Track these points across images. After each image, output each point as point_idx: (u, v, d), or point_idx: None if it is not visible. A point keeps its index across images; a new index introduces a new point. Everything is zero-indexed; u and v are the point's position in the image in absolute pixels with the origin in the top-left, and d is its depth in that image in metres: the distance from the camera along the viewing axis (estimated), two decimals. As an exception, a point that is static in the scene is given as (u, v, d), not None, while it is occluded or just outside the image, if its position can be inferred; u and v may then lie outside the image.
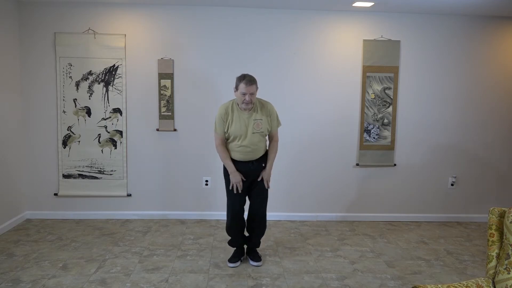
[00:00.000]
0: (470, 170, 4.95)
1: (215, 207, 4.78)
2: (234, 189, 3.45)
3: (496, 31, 4.78)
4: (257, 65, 4.59)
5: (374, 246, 4.11)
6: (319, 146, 4.81)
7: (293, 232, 4.48)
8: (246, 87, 3.24)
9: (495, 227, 2.16)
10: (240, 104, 3.34)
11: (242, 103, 3.31)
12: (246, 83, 3.24)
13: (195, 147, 4.73)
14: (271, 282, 3.28)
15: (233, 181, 3.43)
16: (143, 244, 4.03)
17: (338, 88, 4.75)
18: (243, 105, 3.31)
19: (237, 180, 3.42)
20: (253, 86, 3.27)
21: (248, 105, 3.31)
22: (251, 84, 3.26)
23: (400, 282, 3.33)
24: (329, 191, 4.87)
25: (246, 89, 3.24)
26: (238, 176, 3.42)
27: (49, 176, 4.68)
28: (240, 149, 3.39)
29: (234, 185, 3.43)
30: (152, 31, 4.58)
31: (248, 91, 3.25)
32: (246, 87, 3.24)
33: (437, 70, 4.79)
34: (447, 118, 4.85)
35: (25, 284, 3.14)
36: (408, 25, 4.71)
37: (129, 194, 4.76)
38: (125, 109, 4.64)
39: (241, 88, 3.25)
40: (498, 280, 2.07)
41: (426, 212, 4.96)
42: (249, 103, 3.30)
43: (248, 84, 3.24)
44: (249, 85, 3.24)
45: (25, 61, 4.53)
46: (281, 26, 4.64)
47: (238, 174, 3.42)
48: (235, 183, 3.42)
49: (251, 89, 3.26)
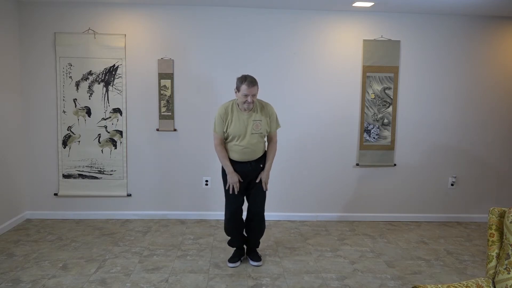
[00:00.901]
0: (470, 170, 4.95)
1: (215, 207, 4.78)
2: (230, 190, 3.45)
3: (496, 31, 4.78)
4: (257, 65, 4.59)
5: (374, 246, 4.11)
6: (319, 146, 4.81)
7: (293, 232, 4.48)
8: (248, 88, 3.24)
9: (495, 227, 2.16)
10: (242, 105, 3.34)
11: (243, 104, 3.31)
12: (248, 85, 3.24)
13: (195, 147, 4.73)
14: (271, 282, 3.28)
15: (230, 181, 3.43)
16: (143, 244, 4.03)
17: (338, 88, 4.75)
18: (245, 105, 3.31)
19: (234, 180, 3.42)
20: (255, 87, 3.28)
21: (249, 105, 3.32)
22: (253, 85, 3.26)
23: (400, 282, 3.33)
24: (329, 191, 4.87)
25: (248, 90, 3.24)
26: (236, 177, 3.42)
27: (49, 176, 4.68)
28: (239, 150, 3.39)
29: (231, 185, 3.44)
30: (152, 31, 4.58)
31: (250, 93, 3.25)
32: (248, 89, 3.24)
33: (437, 70, 4.79)
34: (447, 118, 4.85)
35: (25, 284, 3.14)
36: (408, 25, 4.71)
37: (129, 194, 4.76)
38: (125, 109, 4.64)
39: (243, 89, 3.26)
40: (498, 280, 2.07)
41: (426, 212, 4.96)
42: (250, 104, 3.31)
43: (250, 86, 3.24)
44: (251, 87, 3.25)
45: (25, 61, 4.53)
46: (281, 26, 4.64)
47: (236, 175, 3.42)
48: (232, 183, 3.43)
49: (253, 90, 3.26)
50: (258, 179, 3.49)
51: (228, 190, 3.48)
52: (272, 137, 3.54)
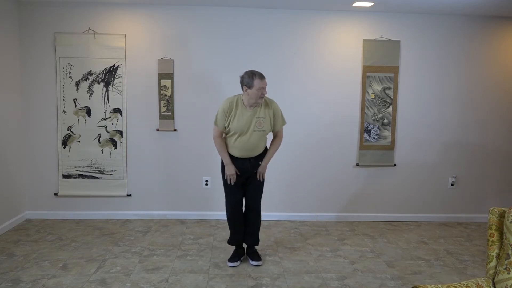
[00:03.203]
0: (470, 170, 4.95)
1: (215, 207, 4.78)
2: (228, 180, 3.50)
3: (496, 31, 4.78)
4: (257, 65, 4.55)
5: (374, 246, 4.11)
6: (319, 146, 4.81)
7: (293, 232, 4.48)
8: (261, 81, 3.32)
9: (495, 227, 2.16)
10: (257, 100, 3.37)
11: (260, 98, 3.36)
12: (261, 78, 3.33)
13: (195, 147, 4.73)
14: (271, 282, 3.28)
15: (227, 172, 3.49)
16: (143, 244, 4.03)
17: (338, 88, 4.75)
18: (259, 100, 3.36)
19: (231, 172, 3.47)
20: (265, 79, 3.36)
21: (262, 99, 3.37)
22: (264, 78, 3.35)
23: (400, 282, 3.33)
24: (329, 191, 4.87)
25: (262, 83, 3.32)
26: (233, 169, 3.47)
27: (49, 176, 4.68)
28: (239, 146, 3.42)
29: (228, 177, 3.48)
30: (152, 31, 4.58)
31: (264, 85, 3.34)
32: (262, 81, 3.33)
33: (437, 70, 4.79)
34: (447, 118, 4.85)
35: (25, 284, 3.14)
36: (408, 25, 4.71)
37: (129, 194, 4.76)
38: (125, 109, 4.64)
39: (257, 83, 3.31)
40: (498, 280, 2.07)
41: (426, 212, 4.96)
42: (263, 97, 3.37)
43: (263, 78, 3.34)
44: (263, 79, 3.34)
45: (25, 61, 4.53)
46: (281, 26, 4.64)
47: (233, 167, 3.47)
48: (229, 175, 3.47)
49: (265, 82, 3.36)
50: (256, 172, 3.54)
51: (227, 183, 3.52)
52: (277, 133, 3.59)
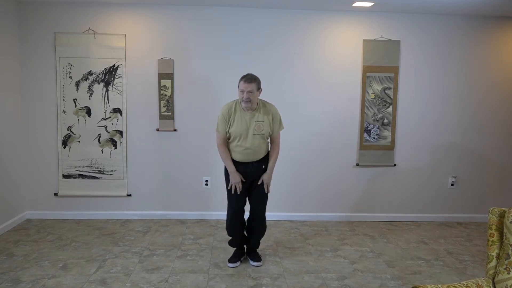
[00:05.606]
0: (470, 170, 4.95)
1: (215, 207, 4.78)
2: (233, 190, 3.45)
3: (496, 31, 4.78)
4: (257, 65, 4.58)
5: (374, 246, 4.11)
6: (319, 146, 4.81)
7: (293, 232, 4.48)
8: (244, 84, 3.27)
9: (495, 227, 2.16)
10: (240, 102, 3.35)
11: (241, 101, 3.33)
12: (245, 81, 3.27)
13: (195, 147, 4.73)
14: (271, 282, 3.28)
15: (232, 181, 3.43)
16: (143, 244, 4.03)
17: (338, 88, 4.75)
18: (243, 103, 3.32)
19: (236, 180, 3.41)
20: (251, 84, 3.27)
21: (247, 103, 3.30)
22: (250, 82, 3.27)
23: (400, 282, 3.33)
24: (329, 191, 4.87)
25: (243, 86, 3.27)
26: (238, 177, 3.42)
27: (49, 176, 4.68)
28: (241, 150, 3.39)
29: (233, 185, 3.44)
30: (152, 31, 4.58)
31: (245, 89, 3.26)
32: (244, 84, 3.27)
33: (437, 70, 4.79)
34: (447, 118, 4.85)
35: (25, 284, 3.14)
36: (408, 25, 4.71)
37: (129, 194, 4.76)
38: (125, 109, 4.64)
39: (240, 85, 3.30)
40: (498, 280, 2.07)
41: (426, 212, 4.96)
42: (248, 102, 3.29)
43: (247, 82, 3.27)
44: (247, 83, 3.26)
45: (25, 61, 4.53)
46: (281, 26, 4.64)
47: (238, 175, 3.42)
48: (234, 183, 3.42)
49: (249, 86, 3.27)
50: (260, 181, 3.48)
51: (230, 190, 3.47)
52: (274, 139, 3.53)
